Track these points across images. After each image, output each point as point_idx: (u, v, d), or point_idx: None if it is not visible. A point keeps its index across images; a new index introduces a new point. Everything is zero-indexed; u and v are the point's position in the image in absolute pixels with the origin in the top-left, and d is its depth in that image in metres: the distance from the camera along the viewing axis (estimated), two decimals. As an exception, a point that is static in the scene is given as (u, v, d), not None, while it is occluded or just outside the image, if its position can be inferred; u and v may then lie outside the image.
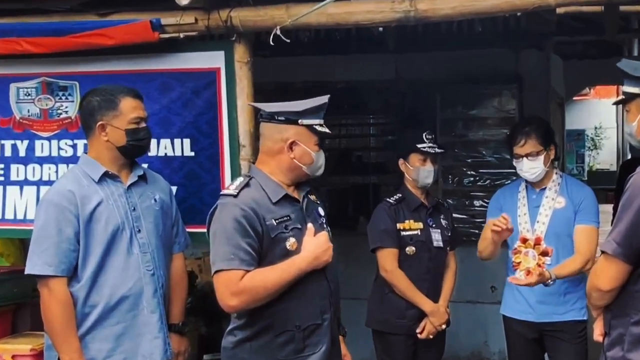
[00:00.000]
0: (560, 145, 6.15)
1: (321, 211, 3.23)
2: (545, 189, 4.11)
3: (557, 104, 8.02)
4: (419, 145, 4.28)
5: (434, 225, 4.40)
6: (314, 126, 3.07)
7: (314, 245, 2.99)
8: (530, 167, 4.04)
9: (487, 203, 4.58)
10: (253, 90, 3.70)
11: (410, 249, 4.31)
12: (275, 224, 2.95)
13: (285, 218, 2.99)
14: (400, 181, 4.49)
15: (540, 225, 4.07)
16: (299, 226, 3.03)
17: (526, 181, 4.19)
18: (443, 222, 4.46)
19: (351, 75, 6.94)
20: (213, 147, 3.77)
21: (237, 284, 2.83)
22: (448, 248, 4.47)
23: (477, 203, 6.61)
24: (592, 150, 23.33)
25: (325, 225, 3.19)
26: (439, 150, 4.31)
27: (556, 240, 4.02)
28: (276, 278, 2.89)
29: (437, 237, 4.38)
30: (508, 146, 4.19)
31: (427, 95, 6.88)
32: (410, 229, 4.32)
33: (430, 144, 4.30)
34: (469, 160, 6.73)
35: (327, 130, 3.11)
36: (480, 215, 6.42)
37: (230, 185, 3.03)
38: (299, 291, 2.97)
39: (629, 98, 2.94)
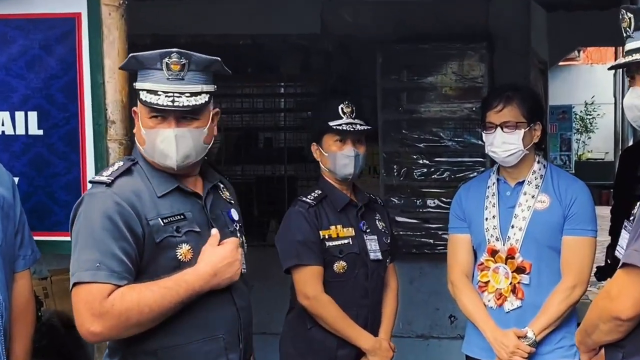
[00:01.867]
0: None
1: (234, 214, 3.27)
2: (523, 183, 4.20)
3: (538, 71, 8.20)
4: (332, 123, 4.26)
5: (368, 231, 4.41)
6: (143, 92, 3.04)
7: (216, 256, 3.03)
8: (504, 141, 4.11)
9: (446, 204, 4.64)
10: (127, 46, 3.71)
11: (339, 265, 4.31)
12: (162, 224, 2.97)
13: (178, 217, 3.02)
14: (319, 173, 4.49)
15: (515, 232, 4.16)
16: (198, 229, 3.06)
17: (498, 172, 4.29)
18: (379, 224, 4.50)
19: (259, 28, 6.98)
20: (70, 124, 3.76)
21: (101, 303, 2.82)
22: (388, 260, 4.50)
23: (431, 203, 6.71)
24: (581, 133, 23.92)
25: (240, 234, 3.24)
26: (361, 128, 4.27)
27: (537, 253, 4.14)
28: (157, 298, 2.88)
29: (373, 247, 4.38)
30: (481, 114, 4.27)
31: (363, 57, 6.97)
32: (338, 238, 4.32)
33: (349, 120, 4.28)
34: (420, 145, 6.87)
35: (164, 101, 2.99)
36: (436, 219, 6.55)
37: (104, 171, 3.04)
38: (196, 320, 2.99)
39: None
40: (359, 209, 4.42)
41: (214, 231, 3.07)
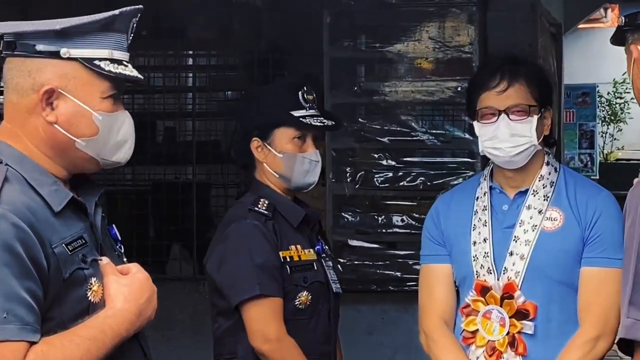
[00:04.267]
0: (555, 115, 6.31)
1: (116, 231, 3.30)
2: (526, 192, 4.20)
3: (550, 37, 8.26)
4: (296, 114, 4.34)
5: (323, 255, 4.54)
6: (96, 62, 3.04)
7: (134, 291, 3.05)
8: (513, 133, 4.08)
9: (419, 221, 4.63)
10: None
11: (303, 298, 4.39)
12: (68, 252, 2.95)
13: (80, 242, 3.00)
14: (249, 176, 4.53)
15: (514, 262, 4.16)
16: (98, 257, 3.07)
17: (491, 178, 4.29)
18: (326, 248, 4.67)
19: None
20: None
21: None
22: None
23: (398, 220, 6.79)
24: (609, 123, 24.09)
25: (123, 256, 3.27)
26: (329, 124, 4.41)
27: (545, 291, 4.14)
28: (83, 354, 2.87)
29: (333, 276, 4.53)
30: (468, 96, 4.27)
31: (305, 16, 6.98)
32: (300, 261, 4.40)
33: (313, 112, 4.38)
34: (384, 140, 6.93)
35: (132, 72, 3.10)
36: (406, 243, 6.62)
37: None
38: None
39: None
40: (312, 224, 4.54)
41: (105, 260, 3.07)
